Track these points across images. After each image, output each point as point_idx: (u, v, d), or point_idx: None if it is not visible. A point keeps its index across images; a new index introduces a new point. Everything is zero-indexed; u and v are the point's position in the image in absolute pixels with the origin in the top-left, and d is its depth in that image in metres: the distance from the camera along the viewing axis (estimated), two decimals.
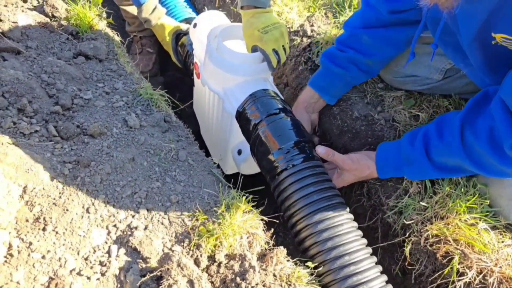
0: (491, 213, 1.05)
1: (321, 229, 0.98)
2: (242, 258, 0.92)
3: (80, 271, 0.83)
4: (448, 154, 1.02)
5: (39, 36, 1.36)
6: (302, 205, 1.03)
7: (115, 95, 1.25)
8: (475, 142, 0.95)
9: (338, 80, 1.35)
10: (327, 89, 1.37)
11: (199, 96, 1.55)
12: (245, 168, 1.39)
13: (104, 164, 1.01)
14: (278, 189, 1.09)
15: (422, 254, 1.06)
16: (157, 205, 0.99)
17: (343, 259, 0.95)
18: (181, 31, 1.67)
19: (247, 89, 1.24)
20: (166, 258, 0.86)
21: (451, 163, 1.03)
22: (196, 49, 1.44)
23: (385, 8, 1.17)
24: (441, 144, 1.02)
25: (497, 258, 0.96)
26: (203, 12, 1.48)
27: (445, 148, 1.01)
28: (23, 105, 1.07)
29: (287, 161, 1.08)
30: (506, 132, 0.88)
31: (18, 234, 0.84)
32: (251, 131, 1.20)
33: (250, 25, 1.23)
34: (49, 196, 0.91)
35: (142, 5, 1.57)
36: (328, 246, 0.96)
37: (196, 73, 1.49)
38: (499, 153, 0.91)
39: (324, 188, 1.04)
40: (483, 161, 0.96)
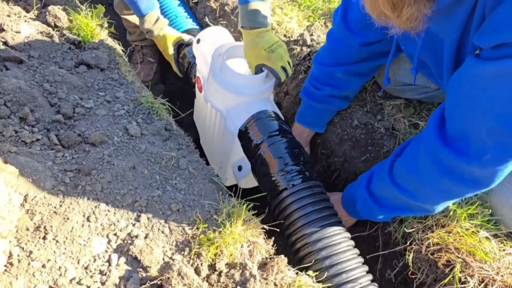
0: (492, 221, 1.05)
1: (320, 248, 1.03)
2: (242, 267, 0.92)
3: (80, 280, 0.82)
4: (381, 184, 1.05)
5: (42, 45, 1.38)
6: (301, 224, 1.08)
7: (116, 103, 1.26)
8: (400, 166, 1.00)
9: (323, 113, 1.43)
10: (315, 123, 1.46)
11: (201, 109, 1.58)
12: (245, 183, 1.43)
13: (105, 173, 1.01)
14: (278, 208, 1.15)
15: (423, 263, 1.06)
16: (158, 213, 0.99)
17: (341, 277, 0.99)
18: (183, 41, 1.68)
19: (250, 109, 1.30)
20: (166, 267, 0.86)
21: (388, 197, 1.05)
22: (199, 65, 1.48)
23: (355, 41, 1.21)
24: (378, 175, 1.07)
25: (499, 266, 0.95)
26: (207, 28, 1.52)
27: (379, 178, 1.06)
28: (25, 113, 1.07)
29: (287, 181, 1.14)
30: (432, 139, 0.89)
31: (19, 242, 0.84)
32: (252, 150, 1.26)
33: (255, 45, 1.28)
34: (50, 205, 0.91)
35: (145, 16, 1.58)
36: (326, 265, 1.01)
37: (198, 87, 1.52)
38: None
39: (322, 207, 1.11)
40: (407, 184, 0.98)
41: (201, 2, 2.09)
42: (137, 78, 1.52)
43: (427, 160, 0.90)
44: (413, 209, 1.01)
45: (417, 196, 0.96)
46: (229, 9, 1.95)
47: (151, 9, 1.58)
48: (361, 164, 1.35)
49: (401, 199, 1.00)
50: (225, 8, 1.95)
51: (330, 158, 1.44)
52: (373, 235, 1.25)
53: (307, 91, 1.40)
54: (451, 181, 0.87)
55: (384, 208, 1.06)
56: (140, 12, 1.57)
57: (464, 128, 0.82)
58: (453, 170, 0.85)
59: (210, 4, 2.00)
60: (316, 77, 1.37)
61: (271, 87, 1.36)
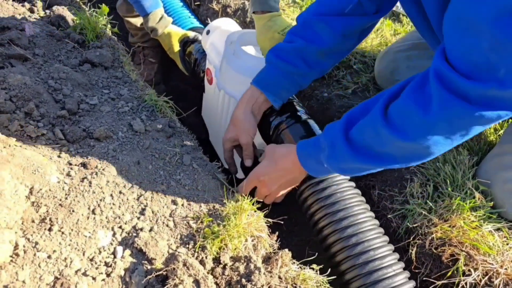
0: (495, 214, 1.06)
1: (346, 226, 1.00)
2: (247, 260, 0.92)
3: (86, 272, 0.82)
4: (368, 127, 0.87)
5: (46, 44, 1.39)
6: (323, 205, 1.05)
7: (120, 101, 1.27)
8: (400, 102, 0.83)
9: (284, 78, 1.16)
10: (272, 88, 1.18)
11: (210, 102, 1.56)
12: None
13: (110, 167, 1.01)
14: (299, 190, 1.12)
15: (427, 258, 1.06)
16: (162, 207, 0.99)
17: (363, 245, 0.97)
18: (188, 38, 1.69)
19: None
20: (172, 259, 0.86)
21: (371, 142, 0.87)
22: (209, 55, 1.46)
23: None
24: (362, 117, 0.89)
25: (503, 260, 0.95)
26: (215, 20, 1.52)
27: (366, 121, 0.88)
28: (30, 109, 1.08)
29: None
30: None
31: (24, 234, 0.84)
32: (270, 132, 1.22)
33: (268, 28, 1.25)
34: (55, 197, 0.91)
35: (149, 14, 1.60)
36: (349, 233, 0.99)
37: (208, 79, 1.51)
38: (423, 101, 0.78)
39: (345, 187, 1.07)
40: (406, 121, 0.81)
41: (203, 4, 2.11)
42: (141, 77, 1.53)
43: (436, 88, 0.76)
44: (406, 155, 0.86)
45: (416, 132, 0.80)
46: (231, 11, 1.97)
47: (155, 8, 1.60)
48: None
49: (393, 143, 0.84)
50: (227, 10, 1.98)
51: None
52: None
53: (276, 48, 1.17)
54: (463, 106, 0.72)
55: (363, 156, 0.89)
56: (144, 10, 1.59)
57: (465, 50, 0.71)
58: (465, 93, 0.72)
59: (212, 6, 2.03)
60: (292, 31, 1.17)
61: None
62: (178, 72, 1.88)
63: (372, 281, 0.93)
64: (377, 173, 1.30)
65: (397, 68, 1.34)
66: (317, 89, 1.58)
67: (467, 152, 1.18)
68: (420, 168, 1.21)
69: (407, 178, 1.21)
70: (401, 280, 0.93)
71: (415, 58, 1.33)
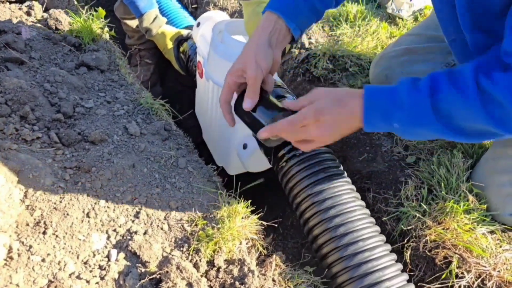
0: (488, 217, 1.06)
1: (333, 215, 0.93)
2: (241, 263, 0.92)
3: (80, 275, 0.83)
4: (460, 105, 0.76)
5: (43, 47, 1.39)
6: (311, 193, 0.97)
7: (116, 104, 1.27)
8: (494, 89, 0.72)
9: (303, 2, 0.99)
10: (292, 14, 0.97)
11: (202, 97, 1.54)
12: (251, 164, 1.35)
13: (105, 170, 1.02)
14: (286, 177, 1.04)
15: (421, 260, 1.06)
16: (157, 210, 1.00)
17: (357, 245, 0.89)
18: (182, 36, 1.69)
19: None
20: (165, 262, 0.86)
21: (461, 120, 0.78)
22: (199, 47, 1.44)
23: None
24: (453, 91, 0.77)
25: (496, 262, 0.96)
26: (206, 12, 1.52)
27: (457, 97, 0.76)
28: (25, 112, 1.09)
29: (295, 149, 1.03)
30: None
31: (19, 237, 0.84)
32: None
33: (256, 14, 1.21)
34: (50, 201, 0.92)
35: (143, 15, 1.61)
36: (341, 232, 0.91)
37: (199, 72, 1.49)
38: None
39: (332, 174, 0.99)
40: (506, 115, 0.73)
41: (201, 7, 2.12)
42: (137, 80, 1.54)
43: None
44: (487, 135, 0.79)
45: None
46: (228, 14, 1.98)
47: (150, 8, 1.61)
48: (359, 164, 1.36)
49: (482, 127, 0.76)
50: (224, 12, 1.98)
51: None
52: None
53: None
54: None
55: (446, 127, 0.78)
56: (138, 11, 1.60)
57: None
58: None
59: (209, 9, 2.03)
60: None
61: None
62: (175, 73, 1.88)
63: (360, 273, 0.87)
64: (372, 176, 1.30)
65: (391, 74, 1.35)
66: None
67: (461, 155, 1.19)
68: (414, 171, 1.21)
69: (402, 181, 1.21)
70: (393, 273, 0.88)
71: (406, 64, 1.34)
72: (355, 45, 1.65)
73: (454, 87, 0.77)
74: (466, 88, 0.75)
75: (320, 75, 1.58)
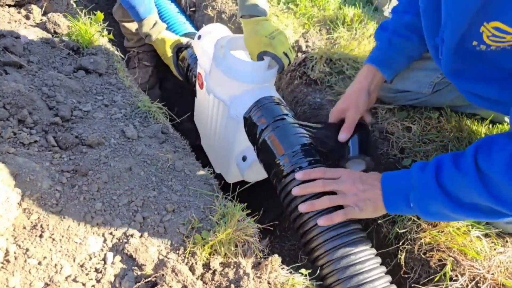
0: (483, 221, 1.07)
1: (329, 228, 0.96)
2: (236, 266, 0.93)
3: (76, 278, 0.83)
4: (462, 184, 0.83)
5: (41, 51, 1.40)
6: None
7: (113, 107, 1.28)
8: (490, 169, 0.79)
9: (398, 53, 1.21)
10: (387, 63, 1.21)
11: (202, 107, 1.57)
12: (250, 175, 1.38)
13: (102, 173, 1.03)
14: (285, 191, 1.09)
15: (416, 262, 1.07)
16: (153, 213, 1.01)
17: (349, 258, 0.93)
18: (181, 44, 1.71)
19: (254, 96, 1.27)
20: (161, 265, 0.87)
21: (465, 196, 0.84)
22: (200, 60, 1.47)
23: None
24: (455, 170, 0.85)
25: (490, 265, 0.96)
26: (207, 25, 1.53)
27: (459, 177, 0.84)
28: (23, 116, 1.10)
29: (293, 164, 1.09)
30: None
31: (15, 240, 0.85)
32: (257, 136, 1.22)
33: (256, 32, 1.27)
34: (47, 204, 0.92)
35: (143, 20, 1.61)
36: (337, 244, 0.94)
37: (200, 83, 1.51)
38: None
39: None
40: (503, 193, 0.78)
41: (199, 10, 2.13)
42: (135, 83, 1.55)
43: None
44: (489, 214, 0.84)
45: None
46: (226, 16, 1.99)
47: (149, 13, 1.61)
48: None
49: (486, 204, 0.81)
50: (222, 16, 1.99)
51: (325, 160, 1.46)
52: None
53: (384, 24, 1.23)
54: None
55: (459, 206, 0.85)
56: (138, 16, 1.61)
57: None
58: None
59: (207, 12, 2.04)
60: (397, 9, 1.21)
61: (274, 74, 1.33)
62: (173, 76, 1.89)
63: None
64: None
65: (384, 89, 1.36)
66: (310, 95, 1.60)
67: None
68: None
69: None
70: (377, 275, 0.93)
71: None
72: (352, 48, 1.66)
73: (457, 168, 0.84)
74: (467, 170, 0.82)
75: (317, 78, 1.59)
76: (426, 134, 1.32)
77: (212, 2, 2.05)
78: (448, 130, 1.32)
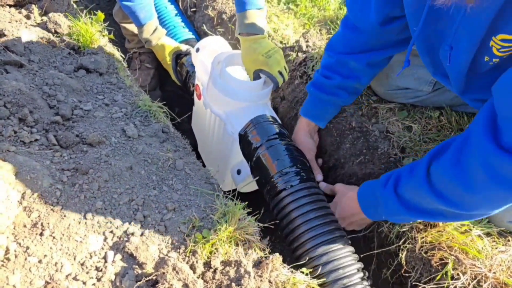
0: (484, 220, 1.06)
1: (316, 245, 1.06)
2: (237, 264, 0.93)
3: (76, 276, 0.83)
4: (417, 191, 0.93)
5: (42, 50, 1.40)
6: (300, 222, 1.10)
7: (114, 106, 1.28)
8: (437, 172, 0.88)
9: (329, 106, 1.39)
10: (320, 116, 1.42)
11: (199, 116, 1.61)
12: (243, 187, 1.44)
13: (102, 172, 1.02)
14: (277, 208, 1.18)
15: (417, 262, 1.06)
16: (154, 212, 1.00)
17: (337, 272, 1.02)
18: (180, 51, 1.72)
19: (249, 114, 1.33)
20: (161, 263, 0.87)
21: (423, 203, 0.94)
22: (198, 73, 1.52)
23: (376, 20, 1.13)
24: (411, 180, 0.96)
25: (491, 264, 0.96)
26: (205, 38, 1.57)
27: (414, 185, 0.94)
28: (24, 114, 1.09)
29: (285, 182, 1.18)
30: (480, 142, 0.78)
31: (16, 238, 0.85)
32: (251, 153, 1.29)
33: (253, 50, 1.32)
34: (47, 202, 0.92)
35: (143, 25, 1.61)
36: (323, 261, 1.04)
37: (197, 94, 1.55)
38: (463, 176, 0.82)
39: (319, 207, 1.13)
40: (448, 194, 0.86)
41: (199, 10, 2.14)
42: (135, 82, 1.55)
43: (477, 169, 0.78)
44: (448, 215, 0.92)
45: (459, 205, 0.85)
46: (227, 17, 1.99)
47: (149, 19, 1.61)
48: (356, 166, 1.37)
49: (437, 206, 0.90)
50: (223, 16, 1.99)
51: (325, 160, 1.46)
52: (368, 235, 1.26)
53: (316, 81, 1.35)
54: (507, 192, 0.76)
55: (414, 212, 0.96)
56: (138, 21, 1.61)
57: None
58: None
59: (208, 13, 2.04)
60: (327, 66, 1.32)
61: (269, 93, 1.40)
62: None
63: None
64: (369, 178, 1.31)
65: (392, 72, 1.35)
66: None
67: None
68: None
69: None
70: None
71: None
72: None
73: (411, 177, 0.95)
74: (419, 178, 0.92)
75: None
76: (426, 134, 1.32)
77: (213, 2, 2.05)
78: (448, 129, 1.32)
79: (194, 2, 2.20)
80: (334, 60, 1.30)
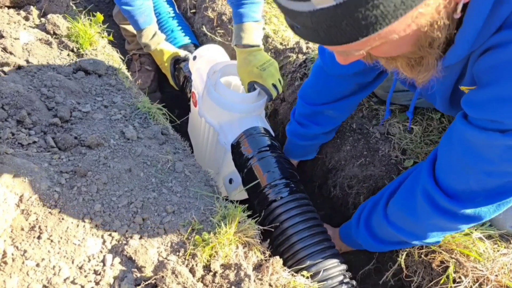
0: (486, 223, 1.06)
1: (305, 256, 1.09)
2: (237, 268, 0.92)
3: (74, 280, 0.82)
4: (383, 228, 1.04)
5: (40, 52, 1.40)
6: (291, 233, 1.13)
7: (113, 108, 1.27)
8: (393, 204, 1.00)
9: (310, 148, 1.48)
10: (302, 155, 1.53)
11: (195, 122, 1.63)
12: (235, 195, 1.46)
13: (101, 174, 1.01)
14: (268, 219, 1.20)
15: (418, 265, 1.06)
16: (153, 215, 0.99)
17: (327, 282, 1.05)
18: (179, 57, 1.72)
19: (242, 125, 1.36)
20: (160, 266, 0.86)
21: (391, 237, 1.04)
22: (194, 81, 1.53)
23: (350, 71, 1.12)
24: (374, 213, 1.08)
25: (493, 266, 0.95)
26: (203, 46, 1.58)
27: (380, 223, 1.05)
28: (22, 116, 1.08)
29: (275, 194, 1.21)
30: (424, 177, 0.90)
31: (13, 242, 0.84)
32: (243, 164, 1.32)
33: (248, 62, 1.33)
34: (45, 205, 0.91)
35: (143, 30, 1.61)
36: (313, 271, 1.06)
37: (193, 101, 1.56)
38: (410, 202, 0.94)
39: (308, 218, 1.16)
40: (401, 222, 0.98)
41: (199, 12, 2.13)
42: (135, 84, 1.54)
43: (421, 201, 0.90)
44: (409, 244, 1.03)
45: (413, 234, 0.96)
46: (226, 18, 1.98)
47: (149, 24, 1.60)
48: (357, 168, 1.36)
49: (399, 237, 1.00)
50: (223, 17, 1.99)
51: (326, 162, 1.45)
52: None
53: (293, 130, 1.40)
54: (449, 221, 0.87)
55: (388, 243, 1.07)
56: (138, 26, 1.60)
57: (454, 178, 0.84)
58: (449, 211, 0.86)
59: (208, 14, 2.04)
60: (303, 115, 1.35)
61: (262, 105, 1.42)
62: None
63: None
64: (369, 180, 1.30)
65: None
66: None
67: None
68: None
69: None
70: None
71: None
72: None
73: (374, 210, 1.08)
74: (380, 215, 1.03)
75: None
76: (427, 135, 1.32)
77: (212, 4, 2.05)
78: None
79: (193, 3, 2.19)
80: (309, 111, 1.32)
